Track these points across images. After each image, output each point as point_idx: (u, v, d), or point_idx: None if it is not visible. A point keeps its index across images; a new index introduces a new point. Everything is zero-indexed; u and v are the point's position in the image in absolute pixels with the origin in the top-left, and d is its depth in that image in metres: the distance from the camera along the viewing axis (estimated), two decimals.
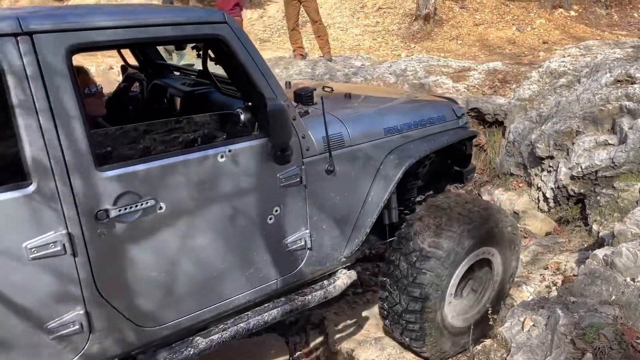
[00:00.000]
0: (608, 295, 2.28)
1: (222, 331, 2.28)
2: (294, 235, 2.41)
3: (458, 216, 2.73)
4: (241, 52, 2.09)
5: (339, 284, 2.67)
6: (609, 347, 1.93)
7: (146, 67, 3.42)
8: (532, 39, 9.75)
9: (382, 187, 2.66)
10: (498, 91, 5.91)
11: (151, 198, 1.92)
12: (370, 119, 2.77)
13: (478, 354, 2.38)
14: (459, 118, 3.21)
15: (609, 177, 4.04)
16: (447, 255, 2.65)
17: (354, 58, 7.67)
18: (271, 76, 2.19)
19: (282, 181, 2.28)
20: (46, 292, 1.79)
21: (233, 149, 2.11)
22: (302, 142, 2.33)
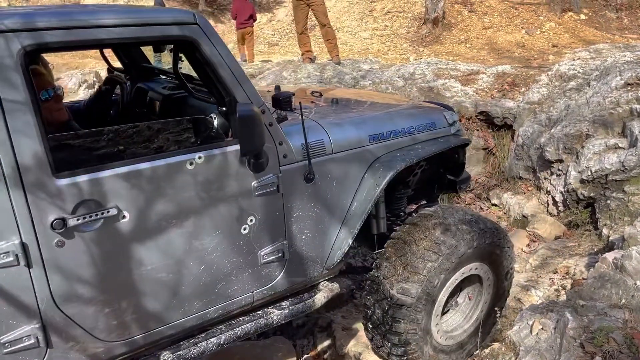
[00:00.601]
0: (618, 298, 2.26)
1: (192, 346, 2.17)
2: (270, 246, 2.29)
3: (424, 252, 2.55)
4: (212, 54, 1.99)
5: (319, 297, 2.54)
6: (619, 351, 1.91)
7: (130, 69, 3.29)
8: (542, 42, 9.71)
9: (366, 196, 2.53)
10: (507, 95, 5.88)
11: (113, 207, 1.82)
12: (355, 125, 2.64)
13: (486, 357, 2.37)
14: (450, 125, 3.08)
15: (619, 181, 4.01)
16: (417, 299, 2.52)
17: (363, 62, 7.68)
18: (245, 80, 2.10)
19: (258, 190, 2.16)
20: (0, 305, 1.70)
21: (203, 156, 2.00)
22: (279, 149, 2.21)
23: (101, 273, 1.86)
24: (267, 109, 2.17)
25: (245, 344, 3.48)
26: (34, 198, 1.69)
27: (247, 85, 2.09)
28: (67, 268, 1.79)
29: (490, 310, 2.99)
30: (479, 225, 2.68)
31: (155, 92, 2.97)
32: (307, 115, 2.50)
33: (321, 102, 3.06)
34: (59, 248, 1.75)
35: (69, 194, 1.74)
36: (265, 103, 2.17)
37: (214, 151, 2.04)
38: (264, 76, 7.22)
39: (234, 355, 3.29)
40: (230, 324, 2.31)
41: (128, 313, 1.96)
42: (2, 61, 1.61)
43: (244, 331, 2.30)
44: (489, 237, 2.70)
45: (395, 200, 2.99)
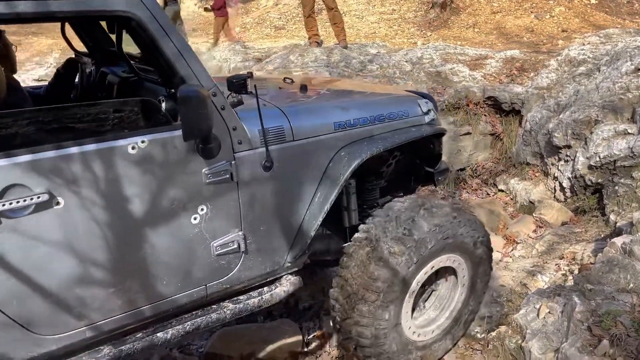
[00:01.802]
0: (626, 283, 2.26)
1: (136, 341, 2.07)
2: (224, 238, 2.18)
3: (364, 293, 2.42)
4: (157, 32, 1.86)
5: (277, 291, 2.44)
6: (626, 335, 1.92)
7: (95, 53, 3.11)
8: (551, 27, 9.60)
9: (329, 186, 2.43)
10: (515, 80, 5.84)
11: (45, 192, 1.71)
12: (319, 111, 2.53)
13: (493, 340, 2.38)
14: (424, 114, 2.96)
15: (627, 167, 3.99)
16: (375, 338, 2.49)
17: (370, 46, 7.63)
18: (194, 60, 1.98)
19: (209, 177, 2.05)
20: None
21: (147, 140, 1.88)
22: (233, 135, 2.09)
23: (34, 262, 1.76)
24: (219, 92, 2.06)
25: (252, 325, 3.52)
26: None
27: (196, 66, 1.97)
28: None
29: (464, 307, 2.90)
30: (420, 232, 2.47)
31: (115, 75, 2.83)
32: (268, 100, 2.41)
33: (289, 88, 2.94)
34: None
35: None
36: (217, 85, 2.07)
37: (159, 135, 1.92)
38: (270, 60, 7.19)
39: (241, 337, 3.33)
40: (181, 319, 2.20)
41: (65, 305, 1.85)
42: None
43: (194, 326, 2.20)
44: (437, 241, 2.51)
45: (366, 192, 2.88)
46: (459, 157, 5.74)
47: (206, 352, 3.31)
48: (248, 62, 7.39)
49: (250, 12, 15.15)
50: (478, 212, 4.82)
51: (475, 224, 2.70)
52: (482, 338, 2.98)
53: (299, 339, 3.40)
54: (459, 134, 5.69)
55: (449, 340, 2.92)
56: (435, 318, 2.85)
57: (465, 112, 5.73)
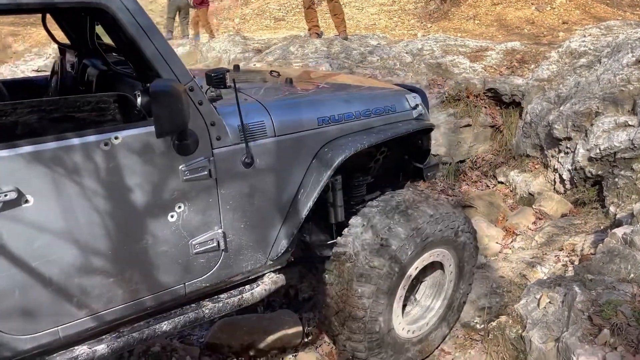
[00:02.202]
0: (627, 273, 2.27)
1: (112, 341, 2.02)
2: (203, 235, 2.12)
3: (351, 310, 2.42)
4: (131, 25, 1.79)
5: (258, 290, 2.39)
6: (627, 324, 1.92)
7: (77, 45, 3.02)
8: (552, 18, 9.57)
9: (313, 183, 2.37)
10: (516, 71, 5.82)
11: (12, 190, 1.65)
12: (303, 106, 2.47)
13: (493, 330, 2.39)
14: (412, 109, 2.90)
15: (627, 159, 3.99)
16: (369, 350, 2.48)
17: (370, 37, 7.61)
18: (170, 54, 1.91)
19: (186, 174, 1.99)
20: None
21: (121, 136, 1.82)
22: (211, 130, 2.03)
23: (4, 261, 1.71)
24: (196, 86, 2.00)
25: (252, 316, 3.52)
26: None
27: (172, 60, 1.90)
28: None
29: (455, 292, 2.94)
30: (398, 240, 2.44)
31: (95, 68, 2.75)
32: (250, 95, 2.36)
33: (274, 82, 2.88)
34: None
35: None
36: (194, 79, 2.01)
37: (134, 131, 1.86)
38: (270, 51, 7.16)
39: (242, 327, 3.34)
40: (158, 318, 2.15)
41: (38, 305, 1.81)
42: None
43: (171, 325, 2.14)
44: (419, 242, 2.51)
45: (353, 188, 2.83)
46: (459, 149, 5.73)
47: (206, 342, 3.32)
48: (247, 53, 7.36)
49: (249, 3, 15.08)
50: (478, 204, 4.83)
51: (454, 215, 2.68)
52: (481, 329, 3.00)
53: (299, 329, 3.41)
54: (459, 126, 5.68)
55: (445, 327, 2.94)
56: (429, 308, 2.86)
57: (465, 104, 5.72)
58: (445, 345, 2.98)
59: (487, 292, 3.53)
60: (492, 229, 4.40)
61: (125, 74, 2.31)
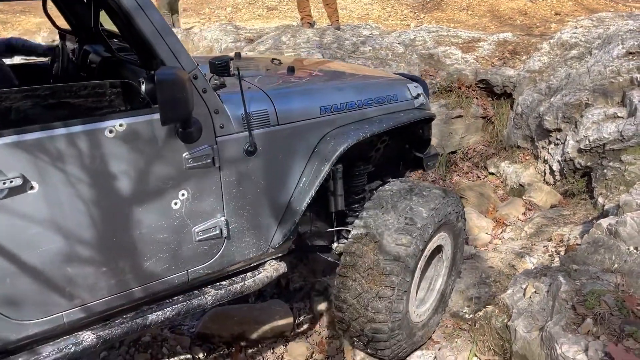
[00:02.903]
0: (610, 263, 2.30)
1: (114, 327, 2.03)
2: (206, 223, 2.14)
3: (379, 289, 2.42)
4: (134, 10, 1.79)
5: (260, 277, 2.42)
6: (610, 313, 1.95)
7: (78, 31, 3.01)
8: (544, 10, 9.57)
9: (314, 172, 2.37)
10: (507, 63, 5.83)
11: (18, 176, 1.66)
12: (305, 95, 2.48)
13: (480, 319, 2.42)
14: (414, 98, 2.93)
15: (616, 151, 4.02)
16: (391, 330, 2.48)
17: (363, 27, 7.57)
18: (174, 40, 1.91)
19: (190, 162, 2.00)
20: None
21: (125, 123, 1.82)
22: (215, 118, 2.03)
23: (9, 247, 1.71)
24: (200, 74, 1.99)
25: (243, 306, 3.55)
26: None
27: (175, 46, 1.90)
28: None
29: (448, 279, 3.00)
30: (421, 219, 2.50)
31: (97, 54, 2.73)
32: (253, 83, 2.36)
33: (276, 70, 2.88)
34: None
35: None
36: (198, 67, 2.00)
37: (138, 118, 1.85)
38: (262, 40, 7.13)
39: (233, 317, 3.36)
40: (161, 304, 2.17)
41: (43, 291, 1.82)
42: None
43: (174, 312, 2.16)
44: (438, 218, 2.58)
45: (354, 177, 2.85)
46: (451, 140, 5.75)
47: (197, 332, 3.34)
48: (239, 42, 7.32)
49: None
50: (468, 195, 4.86)
51: (457, 200, 2.77)
52: (470, 318, 3.03)
53: (290, 319, 3.43)
54: (451, 117, 5.70)
55: (439, 314, 3.01)
56: (428, 295, 2.90)
57: (457, 95, 5.74)
58: (434, 334, 3.01)
59: (477, 282, 3.56)
60: (482, 219, 4.44)
61: (129, 60, 2.30)
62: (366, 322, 2.46)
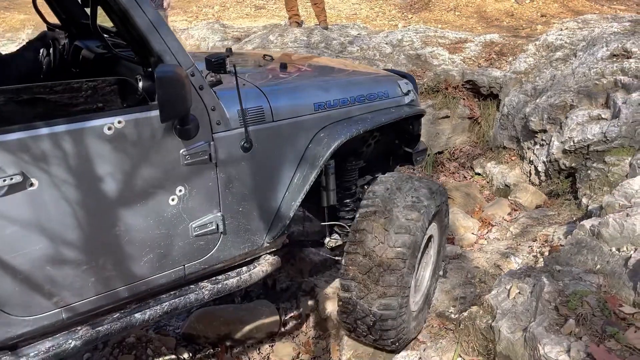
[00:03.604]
0: (593, 264, 2.32)
1: (113, 322, 2.05)
2: (203, 218, 2.16)
3: (392, 262, 2.46)
4: (132, 7, 1.80)
5: (256, 271, 2.46)
6: (592, 314, 1.97)
7: (69, 26, 2.98)
8: (531, 11, 9.65)
9: (308, 167, 2.43)
10: (494, 64, 5.87)
11: (17, 173, 1.67)
12: (299, 92, 2.52)
13: (465, 319, 2.43)
14: (404, 95, 2.98)
15: (600, 152, 4.07)
16: (400, 307, 2.51)
17: (351, 27, 7.58)
18: (171, 37, 1.92)
19: (187, 158, 2.02)
20: None
21: (124, 121, 1.84)
22: (212, 115, 2.06)
23: (8, 244, 1.72)
24: (197, 71, 2.01)
25: (229, 306, 3.53)
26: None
27: (172, 43, 1.91)
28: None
29: (433, 276, 3.09)
30: (426, 198, 2.61)
31: (90, 50, 2.73)
32: (247, 80, 2.39)
33: (268, 67, 2.89)
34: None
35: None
36: (195, 64, 2.01)
37: (136, 115, 1.87)
38: (250, 39, 7.11)
39: (218, 317, 3.34)
40: (158, 299, 2.19)
41: (41, 287, 1.83)
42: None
43: (172, 306, 2.18)
44: (438, 204, 2.69)
45: (346, 172, 2.88)
46: (437, 140, 5.78)
47: (183, 332, 3.32)
48: (227, 41, 7.29)
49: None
50: (455, 195, 4.88)
51: (446, 195, 2.88)
52: (455, 318, 3.05)
53: (276, 319, 3.43)
54: (438, 117, 5.72)
55: (426, 311, 3.04)
56: (419, 286, 2.96)
57: (444, 95, 5.76)
58: (420, 334, 3.03)
59: (462, 282, 3.58)
60: (468, 219, 4.47)
61: (126, 57, 2.31)
62: (376, 299, 2.47)
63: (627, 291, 2.09)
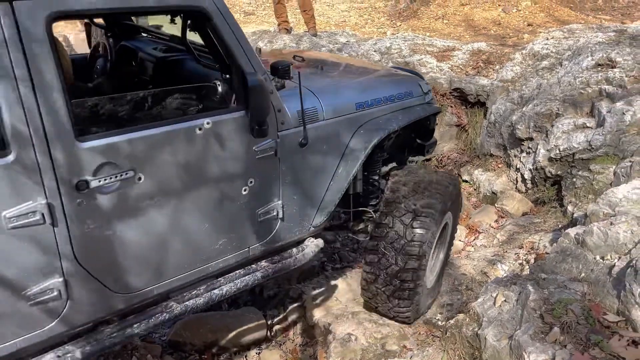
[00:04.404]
0: (578, 272, 2.34)
1: (196, 297, 2.33)
2: (267, 206, 2.46)
3: (435, 185, 2.96)
4: (222, 25, 2.09)
5: (307, 252, 2.76)
6: (576, 322, 1.99)
7: (113, 27, 3.28)
8: (517, 20, 9.75)
9: (351, 160, 2.73)
10: (481, 72, 5.92)
11: (130, 169, 1.92)
12: (343, 93, 2.82)
13: (451, 327, 2.43)
14: (425, 94, 3.31)
15: (585, 160, 4.11)
16: (438, 213, 2.87)
17: (340, 34, 7.61)
18: (250, 50, 2.19)
19: (258, 154, 2.31)
20: (25, 260, 1.80)
21: (211, 122, 2.11)
22: (278, 116, 2.35)
23: (118, 231, 1.99)
24: (269, 78, 2.28)
25: (216, 313, 3.51)
26: (59, 161, 1.77)
27: (251, 55, 2.19)
28: (87, 227, 1.90)
29: (448, 250, 3.51)
30: (444, 188, 3.01)
31: (146, 53, 3.03)
32: (298, 83, 2.61)
33: (307, 68, 3.14)
34: (80, 208, 1.86)
35: (90, 157, 1.83)
36: (267, 72, 2.28)
37: (220, 117, 2.15)
38: None
39: (205, 324, 3.32)
40: (229, 277, 2.48)
41: (141, 267, 2.12)
42: (31, 26, 1.64)
43: (244, 283, 2.48)
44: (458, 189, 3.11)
45: (372, 163, 3.15)
46: None
47: (169, 340, 3.29)
48: None
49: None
50: None
51: (460, 187, 3.31)
52: (442, 326, 3.05)
53: (263, 327, 3.41)
54: None
55: (437, 290, 3.45)
56: (434, 267, 3.32)
57: None
58: (407, 341, 3.03)
59: (450, 289, 3.60)
60: None
61: (209, 64, 2.57)
62: (399, 268, 2.82)
63: (611, 299, 2.11)
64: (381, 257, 2.92)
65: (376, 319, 3.18)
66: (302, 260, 2.73)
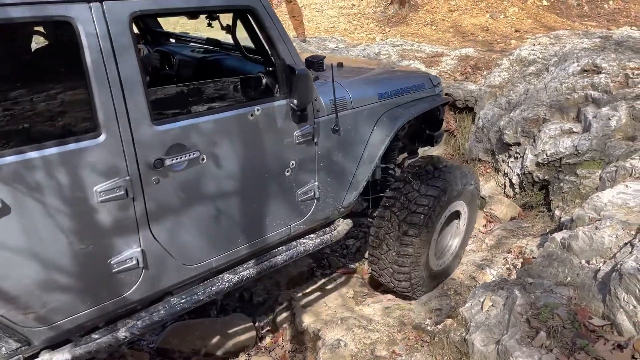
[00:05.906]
0: (564, 276, 2.36)
1: (249, 268, 2.61)
2: (305, 187, 2.72)
3: (445, 169, 3.26)
4: (268, 21, 2.32)
5: (340, 229, 3.06)
6: (562, 327, 2.00)
7: (145, 34, 3.68)
8: (505, 26, 9.84)
9: (376, 145, 2.99)
10: (469, 77, 5.97)
11: (196, 150, 2.15)
12: (367, 85, 3.07)
13: (439, 332, 2.44)
14: (435, 86, 3.56)
15: (572, 164, 4.15)
16: (443, 191, 3.14)
17: (329, 40, 7.64)
18: (291, 44, 2.43)
19: (299, 138, 2.56)
20: (111, 231, 2.01)
21: (261, 109, 2.35)
22: (315, 104, 2.60)
23: (183, 206, 2.21)
24: (308, 70, 2.45)
25: (204, 320, 3.49)
26: (139, 142, 1.99)
27: (292, 49, 2.43)
28: (160, 202, 2.12)
29: (465, 239, 3.79)
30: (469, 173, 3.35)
31: (184, 55, 3.35)
32: (329, 77, 2.82)
33: (329, 66, 3.39)
34: (156, 184, 2.09)
35: (164, 138, 2.06)
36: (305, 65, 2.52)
37: (268, 105, 2.39)
38: None
39: (194, 331, 3.30)
40: (273, 253, 2.74)
41: (202, 241, 2.34)
42: (118, 23, 1.86)
43: (289, 256, 2.77)
44: (472, 181, 3.37)
45: (389, 151, 3.38)
46: None
47: (157, 347, 3.27)
48: None
49: None
50: None
51: (474, 177, 3.52)
52: (431, 330, 3.06)
53: (253, 333, 3.40)
54: None
55: (438, 281, 3.67)
56: (444, 253, 3.64)
57: None
58: (396, 347, 3.03)
59: (438, 294, 3.61)
60: None
61: (253, 59, 2.82)
62: (403, 236, 3.10)
63: (597, 303, 2.13)
64: (387, 222, 3.18)
65: (365, 324, 3.18)
66: (337, 237, 3.03)
